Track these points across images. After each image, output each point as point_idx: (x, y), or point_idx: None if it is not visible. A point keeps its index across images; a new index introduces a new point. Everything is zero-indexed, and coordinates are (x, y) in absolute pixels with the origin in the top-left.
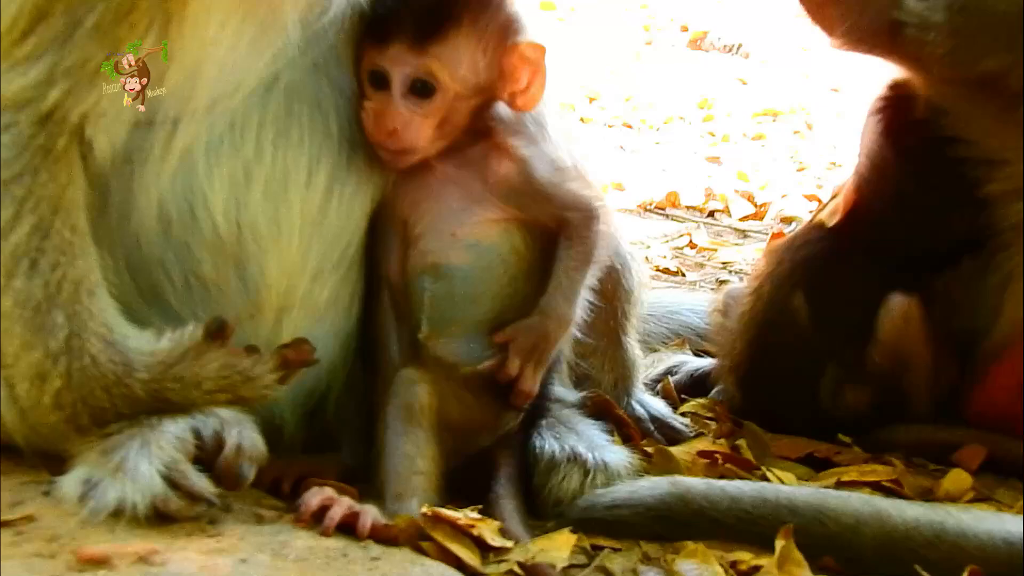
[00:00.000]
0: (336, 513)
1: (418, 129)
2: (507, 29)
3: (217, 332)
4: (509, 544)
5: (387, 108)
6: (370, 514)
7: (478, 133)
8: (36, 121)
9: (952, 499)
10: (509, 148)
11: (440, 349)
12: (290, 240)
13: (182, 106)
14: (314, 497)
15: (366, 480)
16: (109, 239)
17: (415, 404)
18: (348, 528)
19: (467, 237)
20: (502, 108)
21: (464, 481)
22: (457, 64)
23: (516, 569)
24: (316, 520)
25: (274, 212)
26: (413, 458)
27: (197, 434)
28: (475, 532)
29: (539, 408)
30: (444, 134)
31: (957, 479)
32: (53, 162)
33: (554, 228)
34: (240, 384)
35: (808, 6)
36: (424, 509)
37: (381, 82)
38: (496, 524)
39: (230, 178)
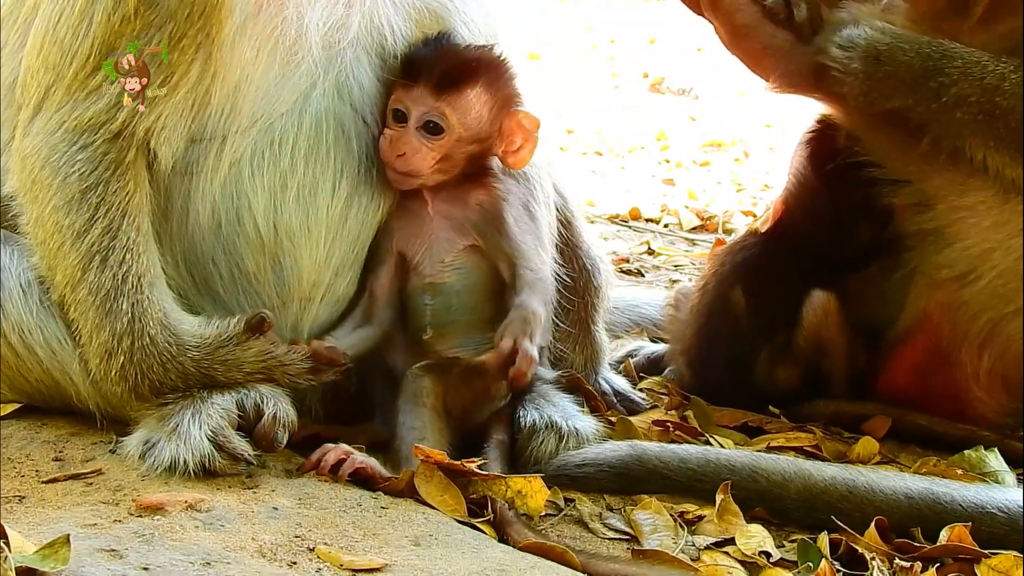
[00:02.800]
0: (349, 465)
1: (423, 158)
2: (512, 98)
3: (257, 325)
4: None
5: (402, 137)
6: (377, 466)
7: (469, 178)
8: (108, 139)
9: (862, 461)
10: (491, 184)
11: (442, 347)
12: (317, 240)
13: (228, 124)
14: (331, 453)
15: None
16: (169, 238)
17: (420, 392)
18: (360, 480)
19: (454, 263)
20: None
21: (462, 448)
22: (465, 113)
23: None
24: (333, 472)
25: (305, 216)
26: (420, 430)
27: (240, 405)
28: (464, 467)
29: (527, 388)
30: (443, 169)
31: (867, 445)
32: (122, 174)
33: (505, 277)
34: (274, 368)
35: (745, 59)
36: (421, 456)
37: (401, 117)
38: (480, 460)
39: (269, 187)
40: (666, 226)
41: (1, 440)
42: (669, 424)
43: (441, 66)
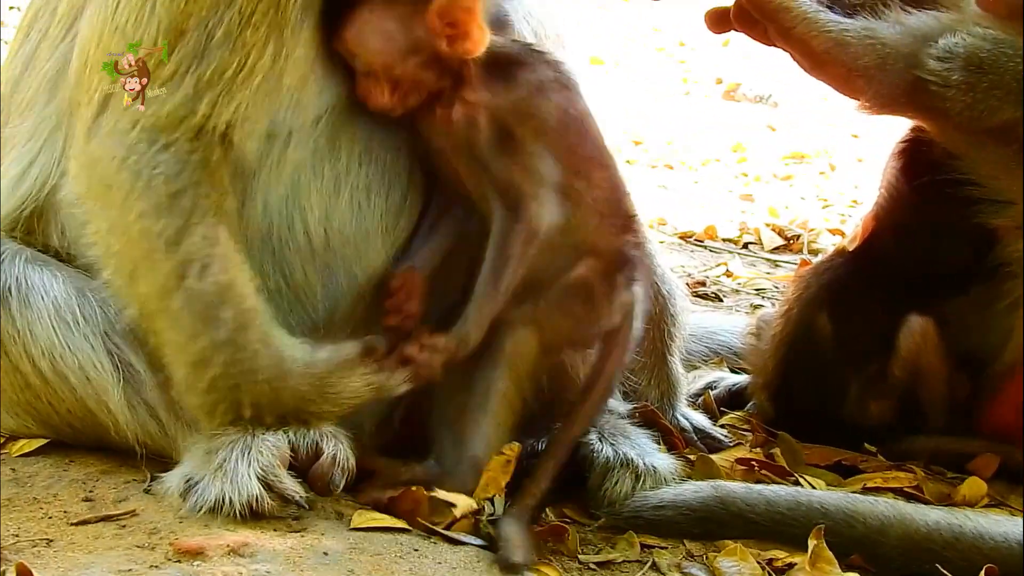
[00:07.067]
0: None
1: (378, 96)
2: None
3: (371, 351)
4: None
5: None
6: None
7: (442, 93)
8: (191, 137)
9: (969, 504)
10: (466, 96)
11: None
12: (369, 245)
13: (294, 119)
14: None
15: None
16: None
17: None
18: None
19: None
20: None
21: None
22: (365, 41)
23: None
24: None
25: (358, 220)
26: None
27: (292, 445)
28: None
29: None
30: (405, 92)
31: (974, 485)
32: (210, 174)
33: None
34: (370, 394)
35: (831, 82)
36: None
37: None
38: None
39: (324, 188)
40: (745, 246)
41: (26, 479)
42: (754, 463)
43: (332, 8)
